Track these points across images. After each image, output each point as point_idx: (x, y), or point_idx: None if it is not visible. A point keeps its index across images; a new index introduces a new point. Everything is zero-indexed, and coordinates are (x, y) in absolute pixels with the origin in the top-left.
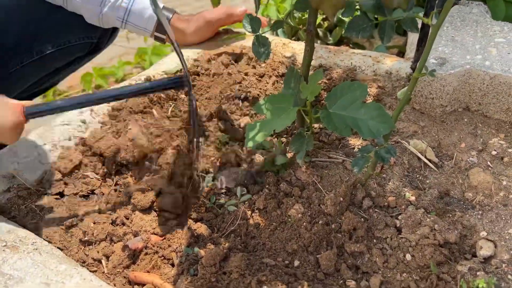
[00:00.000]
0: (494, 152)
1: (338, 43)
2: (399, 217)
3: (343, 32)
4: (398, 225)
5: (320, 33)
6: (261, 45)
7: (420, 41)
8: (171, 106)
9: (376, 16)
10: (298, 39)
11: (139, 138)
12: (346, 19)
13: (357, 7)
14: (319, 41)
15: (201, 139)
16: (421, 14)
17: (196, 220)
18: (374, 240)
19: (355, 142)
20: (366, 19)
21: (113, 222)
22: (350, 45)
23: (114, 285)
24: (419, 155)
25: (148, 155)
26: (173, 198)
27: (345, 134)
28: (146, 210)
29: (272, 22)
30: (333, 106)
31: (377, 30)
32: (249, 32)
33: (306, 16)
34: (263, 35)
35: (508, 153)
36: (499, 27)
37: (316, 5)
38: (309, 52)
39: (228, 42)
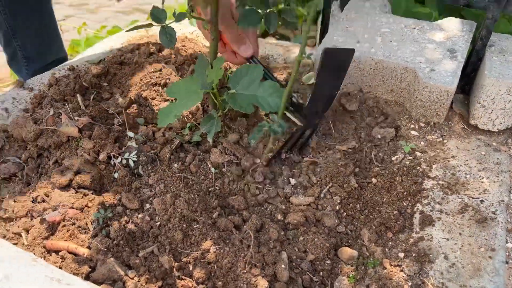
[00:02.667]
0: None
1: (265, 34)
2: None
3: None
4: None
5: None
6: (168, 35)
7: (322, 32)
8: (93, 94)
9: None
10: None
11: (66, 124)
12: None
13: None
14: None
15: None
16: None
17: (113, 194)
18: None
19: None
20: (254, 12)
21: (34, 200)
22: (277, 37)
23: (34, 253)
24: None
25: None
26: (90, 175)
27: (249, 111)
28: (64, 188)
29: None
30: (236, 87)
31: (264, 20)
32: (156, 22)
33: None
34: (169, 25)
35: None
36: (386, 18)
37: (193, 1)
38: (214, 41)
39: (149, 34)
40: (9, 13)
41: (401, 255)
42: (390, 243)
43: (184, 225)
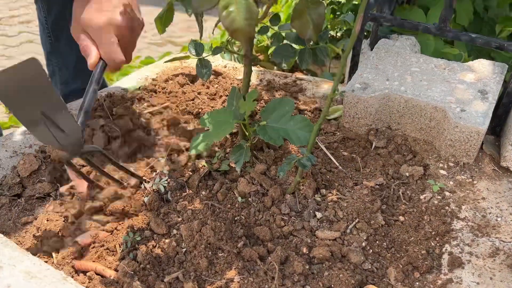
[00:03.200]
0: None
1: (293, 69)
2: None
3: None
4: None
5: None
6: (204, 66)
7: (351, 69)
8: None
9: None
10: (255, 64)
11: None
12: None
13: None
14: (275, 67)
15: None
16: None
17: (142, 218)
18: None
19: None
20: (289, 48)
21: (65, 220)
22: (304, 71)
23: (63, 272)
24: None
25: None
26: (122, 202)
27: (278, 143)
28: (97, 212)
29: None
30: (267, 119)
31: (298, 56)
32: (193, 55)
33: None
34: (205, 58)
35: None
36: (416, 58)
37: (231, 35)
38: (247, 74)
39: (183, 65)
40: (53, 35)
41: None
42: (417, 283)
43: (210, 252)
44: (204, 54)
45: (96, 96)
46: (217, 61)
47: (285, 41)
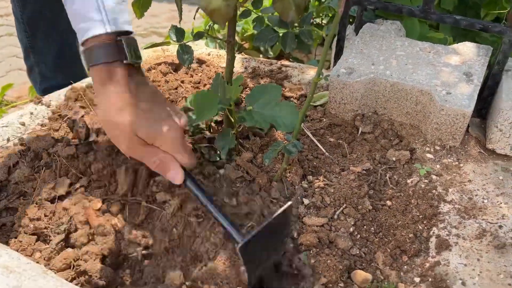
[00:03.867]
0: None
1: (279, 57)
2: None
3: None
4: None
5: (262, 49)
6: (185, 52)
7: (336, 55)
8: None
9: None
10: (240, 52)
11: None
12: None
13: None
14: (261, 55)
15: None
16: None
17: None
18: None
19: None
20: (271, 31)
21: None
22: (290, 59)
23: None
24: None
25: None
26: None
27: (264, 126)
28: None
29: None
30: (253, 105)
31: (281, 40)
32: (174, 41)
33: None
34: (186, 44)
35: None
36: (401, 42)
37: (209, 15)
38: (230, 60)
39: (165, 54)
40: (29, 31)
41: (417, 279)
42: (406, 267)
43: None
44: (185, 40)
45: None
46: (201, 49)
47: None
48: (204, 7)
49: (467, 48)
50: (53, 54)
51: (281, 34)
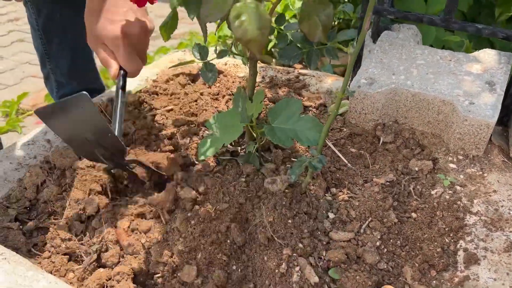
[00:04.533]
0: None
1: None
2: None
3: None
4: None
5: (277, 55)
6: (209, 70)
7: (355, 63)
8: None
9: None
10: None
11: None
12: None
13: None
14: (273, 60)
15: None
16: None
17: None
18: None
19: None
20: (296, 49)
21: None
22: (303, 64)
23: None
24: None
25: None
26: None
27: (288, 144)
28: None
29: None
30: (275, 121)
31: (305, 57)
32: (198, 59)
33: None
34: (210, 62)
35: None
36: (421, 50)
37: (244, 45)
38: (252, 76)
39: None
40: (45, 37)
41: None
42: (435, 281)
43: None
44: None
45: (126, 104)
46: (218, 59)
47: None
48: (239, 38)
49: (488, 56)
50: (67, 59)
51: (305, 51)
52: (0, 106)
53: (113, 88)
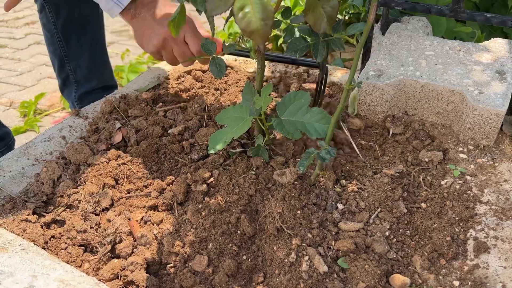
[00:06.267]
0: None
1: (306, 54)
2: None
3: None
4: None
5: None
6: (217, 65)
7: (364, 56)
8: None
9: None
10: None
11: None
12: None
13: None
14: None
15: None
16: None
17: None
18: None
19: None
20: (302, 41)
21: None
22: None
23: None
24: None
25: None
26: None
27: (296, 136)
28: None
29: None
30: (283, 113)
31: (312, 49)
32: (206, 54)
33: None
34: (218, 56)
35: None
36: (429, 41)
37: (248, 36)
38: (260, 69)
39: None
40: (63, 39)
41: (456, 283)
42: (444, 270)
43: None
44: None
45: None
46: (227, 55)
47: (297, 33)
48: (243, 29)
49: (498, 45)
50: (86, 56)
51: (312, 43)
52: (19, 107)
53: (128, 84)
